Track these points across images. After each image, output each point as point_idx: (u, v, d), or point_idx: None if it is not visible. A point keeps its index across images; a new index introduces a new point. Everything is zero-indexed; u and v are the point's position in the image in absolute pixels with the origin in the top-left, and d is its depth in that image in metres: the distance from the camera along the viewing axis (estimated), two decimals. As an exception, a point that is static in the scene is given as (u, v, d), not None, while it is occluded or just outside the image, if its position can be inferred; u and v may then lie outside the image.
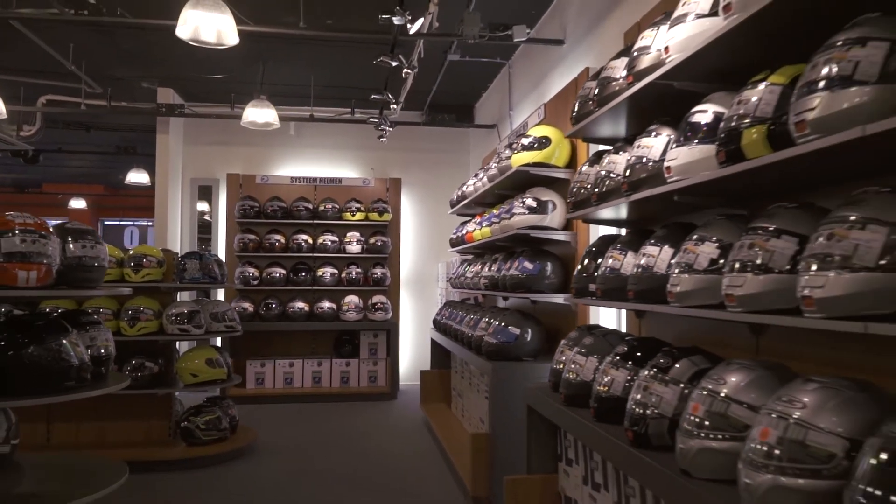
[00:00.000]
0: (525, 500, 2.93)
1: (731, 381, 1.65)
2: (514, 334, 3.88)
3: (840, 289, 1.32)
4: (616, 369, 2.21)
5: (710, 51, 1.86)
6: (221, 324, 5.00)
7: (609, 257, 2.55)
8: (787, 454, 1.32)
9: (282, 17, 5.18)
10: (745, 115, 1.68)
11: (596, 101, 2.65)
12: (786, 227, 1.60)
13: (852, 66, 1.34)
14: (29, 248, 2.31)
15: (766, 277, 1.59)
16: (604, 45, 3.95)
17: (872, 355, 1.60)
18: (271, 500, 3.99)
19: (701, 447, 1.61)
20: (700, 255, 1.90)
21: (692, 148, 1.94)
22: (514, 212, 3.99)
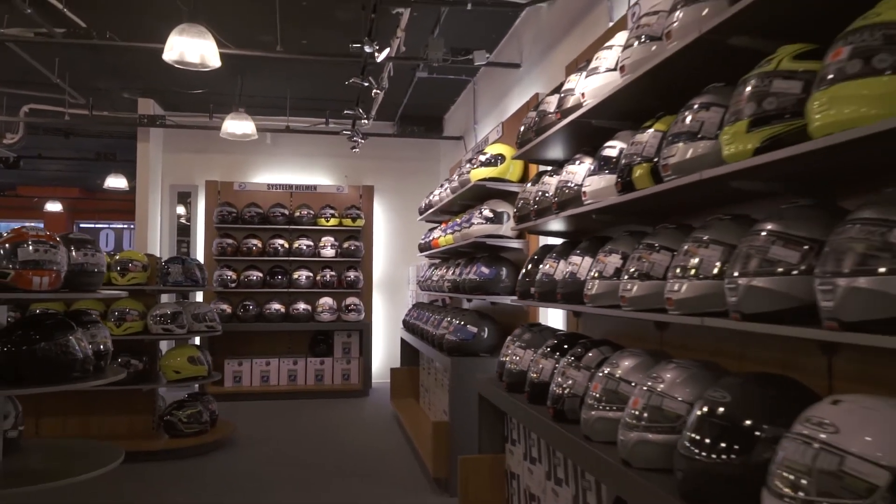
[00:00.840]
0: (476, 476, 3.35)
1: (624, 365, 2.08)
2: (472, 332, 4.31)
3: (691, 292, 1.76)
4: (545, 359, 2.64)
5: (614, 100, 2.30)
6: (202, 324, 5.34)
7: (545, 264, 2.98)
8: (649, 417, 1.76)
9: (259, 36, 5.53)
10: (635, 154, 2.12)
11: (534, 130, 3.09)
12: (664, 244, 2.04)
13: (699, 125, 1.78)
14: (41, 256, 2.66)
15: (649, 283, 2.02)
16: (553, 72, 4.39)
17: (734, 344, 2.04)
18: (249, 487, 4.35)
19: (598, 417, 2.05)
20: (608, 265, 2.33)
21: (602, 177, 2.37)
22: (473, 221, 4.41)
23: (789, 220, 1.51)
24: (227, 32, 5.01)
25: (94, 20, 5.09)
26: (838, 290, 1.23)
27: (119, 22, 5.29)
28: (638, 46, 2.12)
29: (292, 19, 5.11)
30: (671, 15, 1.92)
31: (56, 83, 6.36)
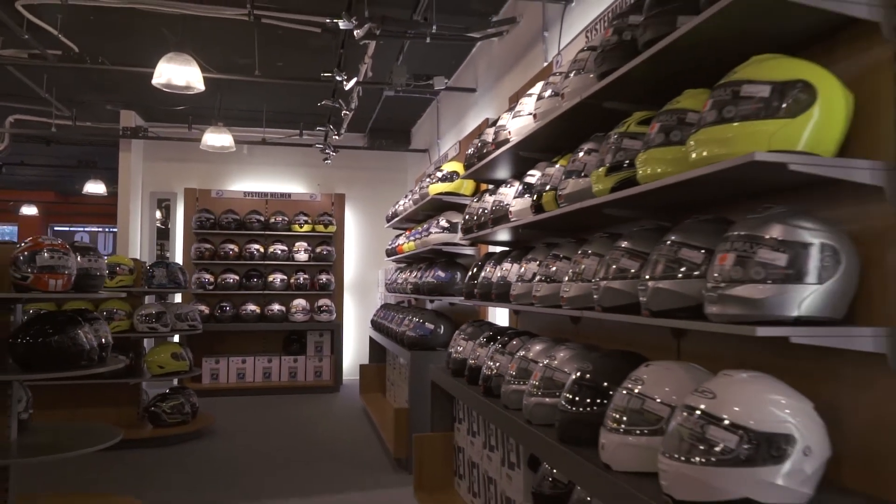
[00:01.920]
0: (429, 451, 3.90)
1: (534, 349, 2.65)
2: (430, 329, 4.86)
3: (575, 292, 2.33)
4: (480, 348, 3.21)
5: (532, 138, 2.87)
6: (185, 323, 5.80)
7: (486, 269, 3.54)
8: (543, 386, 2.32)
9: (238, 59, 6.03)
10: (545, 183, 2.69)
11: (477, 156, 3.65)
12: (564, 254, 2.61)
13: (583, 165, 2.35)
14: (56, 262, 3.14)
15: (552, 285, 2.59)
16: (503, 98, 4.97)
17: (623, 330, 2.61)
18: (228, 470, 4.83)
19: (513, 390, 2.61)
20: (527, 270, 2.90)
21: (523, 199, 2.94)
22: (431, 231, 4.97)
23: (636, 239, 2.08)
24: (208, 55, 5.51)
25: (85, 43, 5.54)
26: (649, 289, 1.80)
27: (109, 46, 5.75)
28: (546, 99, 2.70)
29: (269, 45, 5.60)
30: (566, 79, 2.49)
31: (44, 97, 6.76)
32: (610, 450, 1.76)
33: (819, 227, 1.49)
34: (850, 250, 1.51)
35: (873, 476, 1.52)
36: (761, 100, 1.50)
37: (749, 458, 1.38)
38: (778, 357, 1.73)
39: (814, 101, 1.49)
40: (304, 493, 4.23)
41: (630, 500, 1.60)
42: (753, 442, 1.39)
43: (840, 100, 1.52)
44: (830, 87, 1.52)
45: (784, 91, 1.49)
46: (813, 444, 1.42)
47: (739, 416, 1.42)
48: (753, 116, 1.50)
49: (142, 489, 4.20)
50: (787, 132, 1.48)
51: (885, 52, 1.52)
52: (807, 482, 1.41)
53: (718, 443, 1.41)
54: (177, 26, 4.89)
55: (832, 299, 1.47)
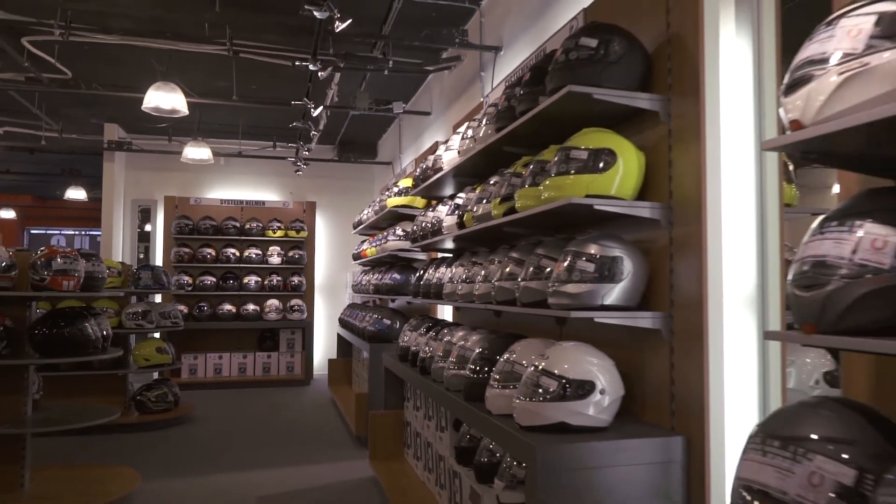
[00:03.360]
0: (383, 426, 4.62)
1: (457, 335, 3.38)
2: (387, 324, 5.58)
3: (482, 290, 3.07)
4: (419, 336, 3.93)
5: (458, 168, 3.61)
6: (168, 320, 6.43)
7: (429, 272, 4.26)
8: (457, 361, 3.06)
9: (218, 82, 6.68)
10: (466, 204, 3.43)
11: (421, 178, 4.38)
12: (478, 260, 3.35)
13: (489, 194, 3.09)
14: (68, 266, 3.79)
15: (468, 285, 3.32)
16: (452, 123, 5.71)
17: (531, 320, 3.36)
18: (208, 449, 5.48)
19: (439, 367, 3.33)
20: (455, 273, 3.63)
21: (452, 216, 3.68)
22: (389, 238, 5.68)
23: (521, 250, 2.83)
24: (190, 80, 6.16)
25: (78, 68, 6.15)
26: (520, 287, 2.55)
27: (100, 70, 6.36)
28: (467, 140, 3.44)
29: (245, 71, 6.27)
30: (479, 126, 3.24)
31: (35, 113, 7.33)
32: (490, 400, 2.50)
33: (618, 245, 2.25)
34: (639, 260, 2.27)
35: (658, 411, 2.29)
36: (582, 160, 2.26)
37: (565, 396, 2.13)
38: (607, 333, 2.49)
39: (616, 162, 2.25)
40: (277, 466, 4.91)
41: (499, 432, 2.34)
42: (568, 386, 2.14)
43: (634, 161, 2.29)
44: (628, 153, 2.28)
45: (597, 155, 2.25)
46: (608, 387, 2.17)
47: (561, 369, 2.17)
48: (578, 172, 2.26)
49: (134, 464, 4.84)
50: (600, 183, 2.24)
51: (663, 129, 2.29)
52: (604, 412, 2.16)
53: (547, 387, 2.16)
54: (164, 57, 5.54)
55: (626, 294, 2.23)
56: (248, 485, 4.41)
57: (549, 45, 3.26)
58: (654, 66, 2.35)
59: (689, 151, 2.16)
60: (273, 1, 4.98)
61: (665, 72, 2.29)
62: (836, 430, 1.18)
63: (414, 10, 4.74)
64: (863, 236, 1.16)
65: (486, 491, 2.79)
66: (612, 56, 2.24)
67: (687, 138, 2.18)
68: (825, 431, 1.19)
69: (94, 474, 4.28)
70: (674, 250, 2.24)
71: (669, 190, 2.26)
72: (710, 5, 2.13)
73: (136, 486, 4.08)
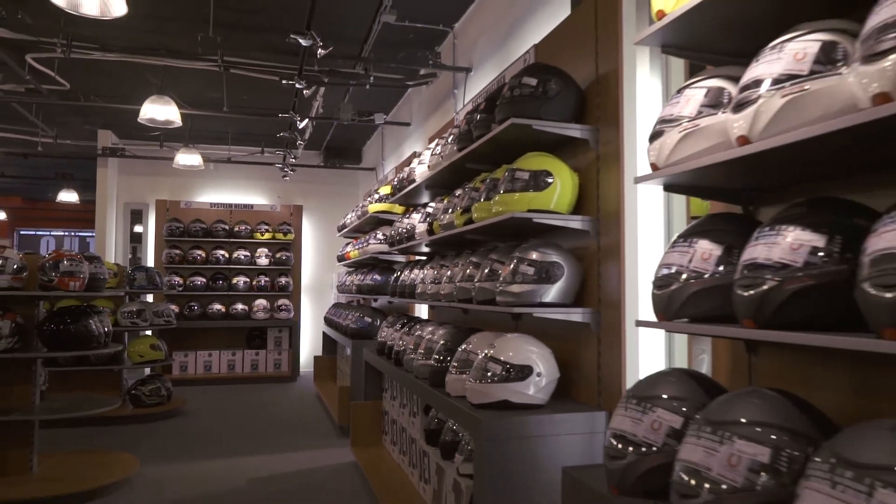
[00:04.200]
0: (363, 415, 5.02)
1: (426, 330, 3.79)
2: (368, 322, 5.97)
3: (447, 290, 3.48)
4: (394, 332, 4.34)
5: (430, 181, 4.02)
6: (161, 319, 6.79)
7: (404, 273, 4.67)
8: (425, 353, 3.47)
9: (208, 92, 7.04)
10: (435, 213, 3.84)
11: (398, 187, 4.79)
12: (445, 263, 3.76)
13: (454, 204, 3.50)
14: (74, 268, 4.16)
15: (436, 285, 3.73)
16: (430, 133, 6.11)
17: (496, 316, 3.77)
18: (201, 439, 5.85)
19: (410, 358, 3.74)
20: (427, 275, 4.04)
21: (423, 224, 4.09)
22: (370, 242, 6.08)
23: (479, 255, 3.24)
24: (183, 92, 6.52)
25: (76, 80, 6.49)
26: (475, 288, 2.96)
27: (97, 82, 6.71)
28: (435, 156, 3.85)
29: (236, 83, 6.64)
30: (446, 144, 3.65)
31: (32, 120, 7.65)
32: (449, 384, 2.92)
33: (555, 251, 2.68)
34: (573, 265, 2.69)
35: (588, 391, 2.71)
36: (525, 180, 2.68)
37: (508, 378, 2.55)
38: (551, 326, 2.91)
39: (553, 182, 2.67)
40: (265, 453, 5.29)
41: (455, 410, 2.75)
42: (510, 370, 2.55)
43: (569, 181, 2.71)
44: (564, 174, 2.70)
45: (537, 176, 2.67)
46: (545, 371, 2.59)
47: (506, 356, 2.59)
48: (521, 190, 2.68)
49: (132, 452, 5.19)
50: (540, 199, 2.66)
51: (593, 155, 2.72)
52: (541, 391, 2.58)
53: (493, 371, 2.57)
54: (159, 71, 5.91)
55: (562, 293, 2.66)
56: (239, 469, 4.80)
57: (508, 72, 3.68)
58: (587, 100, 2.77)
59: (612, 173, 2.59)
60: (262, 23, 5.37)
61: (595, 106, 2.72)
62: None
63: (393, 32, 5.14)
64: (697, 250, 1.58)
65: (448, 465, 3.21)
66: (549, 93, 2.66)
67: (610, 162, 2.60)
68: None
69: (96, 459, 4.64)
70: (601, 256, 2.66)
71: (598, 206, 2.68)
72: (628, 51, 2.55)
73: (135, 469, 4.45)
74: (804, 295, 1.25)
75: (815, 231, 1.27)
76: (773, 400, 1.36)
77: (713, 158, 1.44)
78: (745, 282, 1.35)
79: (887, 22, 1.06)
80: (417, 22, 5.11)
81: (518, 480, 2.42)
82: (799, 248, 1.27)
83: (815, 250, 1.25)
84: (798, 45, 1.30)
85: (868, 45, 1.09)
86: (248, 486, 4.41)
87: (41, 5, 5.02)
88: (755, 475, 1.25)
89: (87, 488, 4.06)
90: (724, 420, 1.37)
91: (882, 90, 1.04)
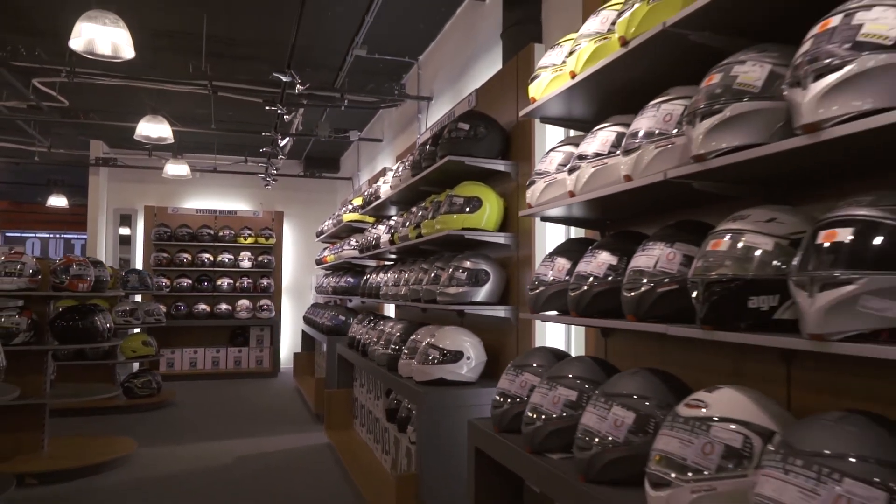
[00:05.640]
0: (336, 402, 5.68)
1: (390, 325, 4.47)
2: (342, 320, 6.64)
3: (404, 291, 4.16)
4: (363, 328, 5.02)
5: (395, 196, 4.70)
6: (152, 317, 7.39)
7: (372, 276, 5.34)
8: (384, 342, 4.15)
9: (197, 109, 7.66)
10: (395, 226, 4.52)
11: (367, 201, 5.46)
12: (409, 268, 4.44)
13: (412, 217, 4.19)
14: (82, 272, 4.77)
15: (407, 287, 4.41)
16: (400, 150, 6.78)
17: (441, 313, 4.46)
18: (189, 426, 6.47)
19: (374, 349, 4.41)
20: (400, 277, 4.72)
21: (386, 234, 4.76)
22: (344, 248, 6.74)
23: (429, 262, 3.92)
24: (174, 110, 7.13)
25: (74, 98, 7.07)
26: (423, 289, 3.65)
27: (93, 100, 7.29)
28: (397, 177, 4.53)
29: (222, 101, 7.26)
30: (404, 169, 4.33)
31: (30, 133, 8.20)
32: (401, 367, 3.60)
33: (484, 261, 3.37)
34: (498, 271, 3.39)
35: (510, 373, 3.41)
36: (460, 204, 3.37)
37: (443, 361, 3.24)
38: (486, 321, 3.60)
39: (482, 206, 3.36)
40: (249, 436, 5.93)
41: (404, 387, 3.43)
42: (446, 354, 3.24)
43: (496, 205, 3.41)
44: (491, 199, 3.40)
45: (470, 201, 3.37)
46: (474, 355, 3.29)
47: (443, 343, 3.28)
48: (458, 212, 3.37)
49: (129, 436, 5.80)
50: (472, 219, 3.36)
51: (514, 184, 3.42)
52: (471, 372, 3.27)
53: (433, 355, 3.26)
54: (153, 94, 6.52)
55: (489, 294, 3.35)
56: (226, 450, 5.44)
57: (458, 108, 4.37)
58: (511, 140, 3.47)
59: (526, 200, 3.29)
60: (248, 53, 6.01)
61: (516, 146, 3.42)
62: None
63: (364, 62, 5.82)
64: (556, 263, 2.29)
65: (402, 437, 3.89)
66: (479, 136, 3.36)
67: (525, 191, 3.30)
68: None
69: (98, 441, 5.26)
70: (519, 265, 3.36)
71: (517, 225, 3.39)
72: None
73: (133, 449, 5.07)
74: (603, 295, 1.95)
75: (612, 254, 1.97)
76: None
77: (555, 203, 2.15)
78: (573, 287, 2.05)
79: (634, 130, 1.77)
80: (386, 55, 5.80)
81: (450, 440, 3.11)
82: (602, 265, 1.97)
83: (611, 267, 1.96)
84: (606, 133, 2.01)
85: (625, 142, 1.80)
86: (234, 463, 5.06)
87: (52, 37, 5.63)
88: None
89: (93, 462, 4.68)
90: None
91: (627, 172, 1.74)
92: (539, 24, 3.56)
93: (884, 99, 1.13)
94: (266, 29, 5.65)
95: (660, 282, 1.69)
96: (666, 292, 1.67)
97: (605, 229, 2.52)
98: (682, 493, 1.34)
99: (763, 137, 1.39)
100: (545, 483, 1.92)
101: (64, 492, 4.31)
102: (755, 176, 1.57)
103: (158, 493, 4.32)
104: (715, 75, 1.50)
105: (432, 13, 5.21)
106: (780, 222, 1.42)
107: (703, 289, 1.45)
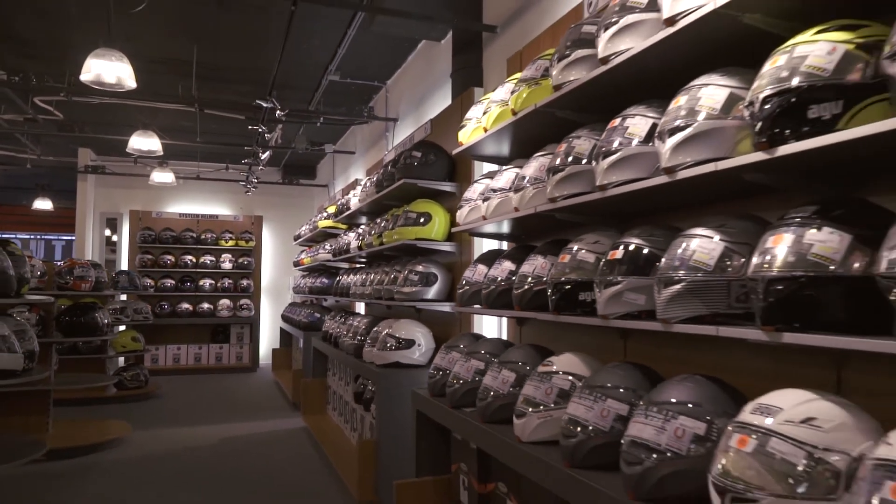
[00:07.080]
0: (311, 390, 6.35)
1: (356, 319, 5.15)
2: (317, 317, 7.31)
3: (369, 290, 4.86)
4: (335, 323, 5.69)
5: (365, 207, 5.38)
6: (140, 315, 7.97)
7: (343, 277, 6.02)
8: (352, 334, 4.83)
9: (183, 122, 8.25)
10: (363, 234, 5.21)
11: (340, 210, 6.13)
12: (373, 270, 5.14)
13: (380, 226, 4.88)
14: (84, 273, 5.39)
15: (372, 287, 5.10)
16: (371, 163, 7.46)
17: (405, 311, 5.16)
18: (177, 414, 7.07)
19: (345, 341, 5.10)
20: (358, 279, 5.40)
21: (355, 241, 5.44)
22: (320, 252, 7.41)
23: (392, 264, 4.62)
24: (162, 123, 7.73)
25: (69, 111, 7.64)
26: (383, 289, 4.35)
27: (86, 114, 7.86)
28: (365, 191, 5.21)
29: (207, 118, 7.88)
30: (370, 185, 5.02)
31: (24, 142, 8.72)
32: (365, 354, 4.29)
33: (433, 265, 4.08)
34: (445, 274, 4.10)
35: (454, 358, 4.13)
36: (413, 218, 4.08)
37: (398, 347, 3.94)
38: (437, 315, 4.30)
39: (432, 219, 4.07)
40: (229, 422, 6.56)
41: (367, 370, 4.12)
42: (401, 342, 3.95)
43: (444, 219, 4.12)
44: (440, 214, 4.11)
45: (422, 215, 4.08)
46: (424, 343, 3.99)
47: (399, 333, 3.98)
48: (412, 224, 4.07)
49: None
50: (424, 231, 4.06)
51: (458, 202, 4.13)
52: (422, 356, 3.98)
53: (390, 342, 3.96)
54: (145, 111, 7.12)
55: (438, 293, 4.06)
56: (212, 432, 6.07)
57: (416, 134, 5.08)
58: (456, 166, 4.19)
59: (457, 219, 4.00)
60: (233, 77, 6.64)
61: (460, 170, 4.14)
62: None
63: (337, 85, 6.49)
64: (477, 269, 3.00)
65: (367, 415, 4.58)
66: (429, 162, 4.07)
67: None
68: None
69: (96, 424, 5.86)
70: (462, 268, 4.07)
71: (461, 236, 4.10)
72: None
73: (129, 432, 5.69)
74: (506, 293, 2.67)
75: (512, 262, 2.69)
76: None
77: (475, 224, 2.87)
78: (485, 286, 2.76)
79: (522, 175, 2.49)
80: (357, 79, 6.48)
81: (402, 412, 3.80)
82: (505, 270, 2.69)
83: (511, 272, 2.68)
84: (509, 173, 2.73)
85: (516, 183, 2.52)
86: (219, 443, 5.70)
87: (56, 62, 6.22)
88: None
89: (93, 442, 5.30)
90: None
91: (516, 205, 2.47)
92: (480, 69, 4.28)
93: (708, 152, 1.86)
94: (250, 57, 6.30)
95: (536, 282, 2.41)
96: (539, 290, 2.40)
97: (518, 241, 3.25)
98: (531, 420, 2.06)
99: (585, 187, 2.12)
100: (461, 427, 2.63)
101: (69, 467, 4.93)
102: (595, 210, 2.31)
103: (154, 468, 4.96)
104: (566, 142, 2.23)
105: (397, 47, 5.92)
106: (601, 243, 2.14)
107: (552, 288, 2.17)
